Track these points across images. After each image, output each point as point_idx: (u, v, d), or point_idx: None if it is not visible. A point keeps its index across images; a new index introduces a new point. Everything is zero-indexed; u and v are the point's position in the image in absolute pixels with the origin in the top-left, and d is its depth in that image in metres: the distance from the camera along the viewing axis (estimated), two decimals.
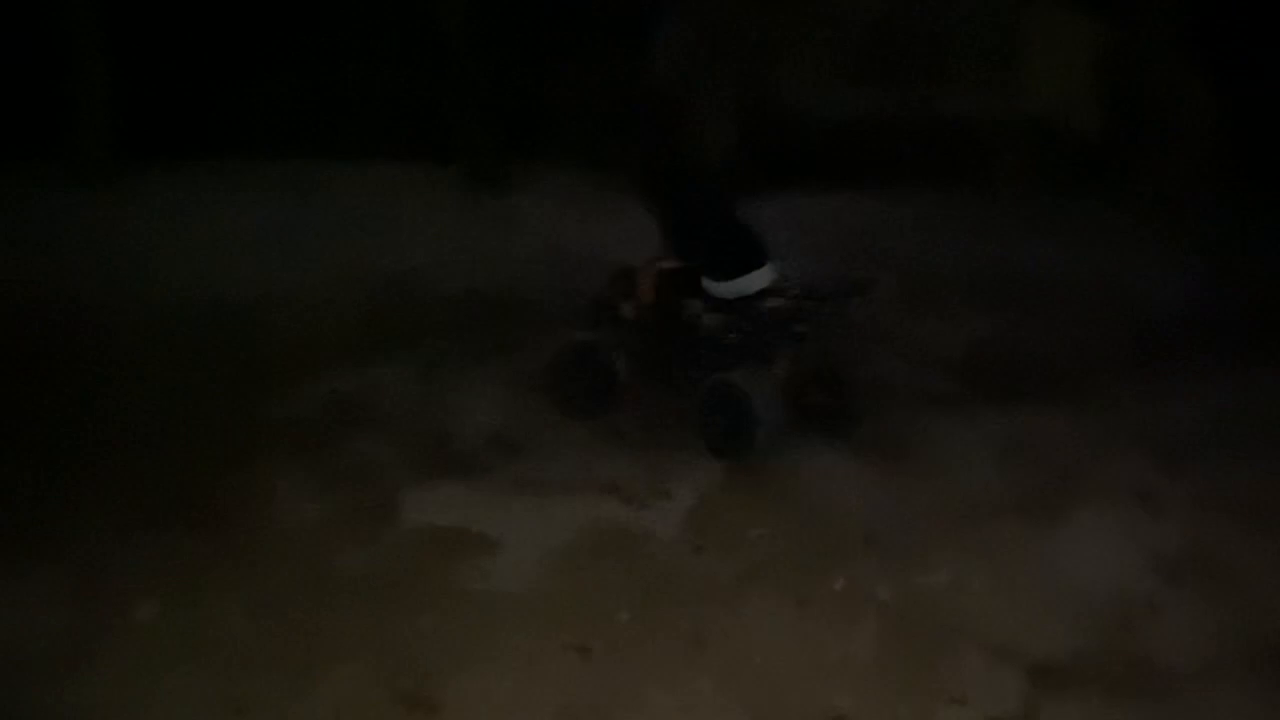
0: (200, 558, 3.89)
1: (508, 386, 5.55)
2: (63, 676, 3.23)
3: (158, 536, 4.00)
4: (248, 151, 9.54)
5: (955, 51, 10.39)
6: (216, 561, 3.88)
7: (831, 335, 5.10)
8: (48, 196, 8.62)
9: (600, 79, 10.27)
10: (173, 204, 8.64)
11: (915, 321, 6.70)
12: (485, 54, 9.79)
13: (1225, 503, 4.46)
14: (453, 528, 4.19)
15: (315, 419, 5.15)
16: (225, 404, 5.30)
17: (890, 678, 3.37)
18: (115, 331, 6.31)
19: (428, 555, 4.00)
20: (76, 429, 4.97)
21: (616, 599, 3.74)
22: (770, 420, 4.67)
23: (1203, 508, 4.42)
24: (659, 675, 3.35)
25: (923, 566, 3.99)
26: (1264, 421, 5.30)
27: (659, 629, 3.60)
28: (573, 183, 9.52)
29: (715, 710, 3.22)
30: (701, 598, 3.79)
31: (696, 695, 3.27)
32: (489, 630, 3.54)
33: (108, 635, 3.43)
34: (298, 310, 6.67)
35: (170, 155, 9.36)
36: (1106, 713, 3.25)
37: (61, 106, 9.32)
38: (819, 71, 10.27)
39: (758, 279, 4.88)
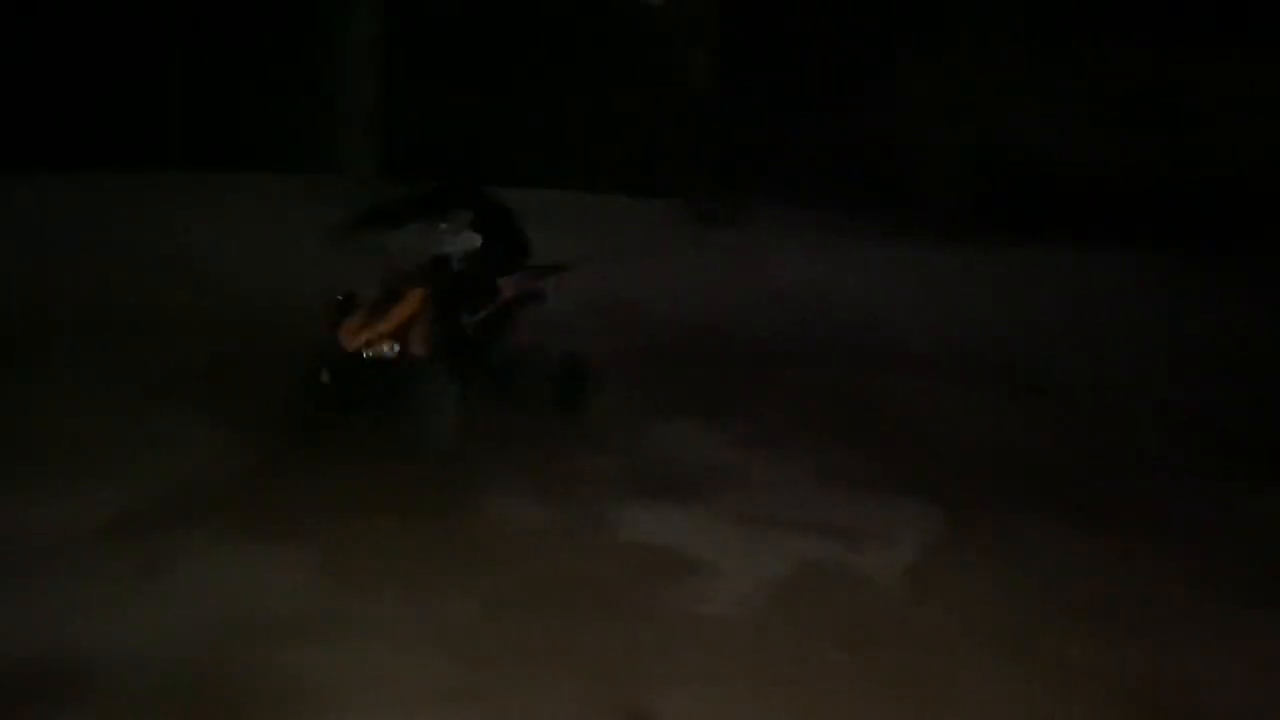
0: (438, 551, 4.12)
1: (722, 419, 5.59)
2: (306, 646, 3.50)
3: (399, 525, 4.28)
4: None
5: (1230, 105, 9.72)
6: (453, 555, 4.10)
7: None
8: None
9: (827, 122, 10.32)
10: None
11: (1155, 390, 6.29)
12: (722, 96, 10.00)
13: None
14: (669, 549, 4.25)
15: (545, 432, 5.36)
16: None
17: None
18: None
19: (647, 572, 4.08)
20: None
21: (832, 639, 3.70)
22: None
23: None
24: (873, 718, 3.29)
25: (1161, 647, 3.72)
26: None
27: (875, 672, 3.53)
28: (797, 221, 9.56)
29: None
30: (921, 648, 3.68)
31: None
32: (706, 652, 3.58)
33: (349, 614, 3.69)
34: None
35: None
36: None
37: (342, 127, 10.13)
38: (1073, 119, 9.85)
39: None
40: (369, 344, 4.70)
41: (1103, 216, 9.05)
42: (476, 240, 5.00)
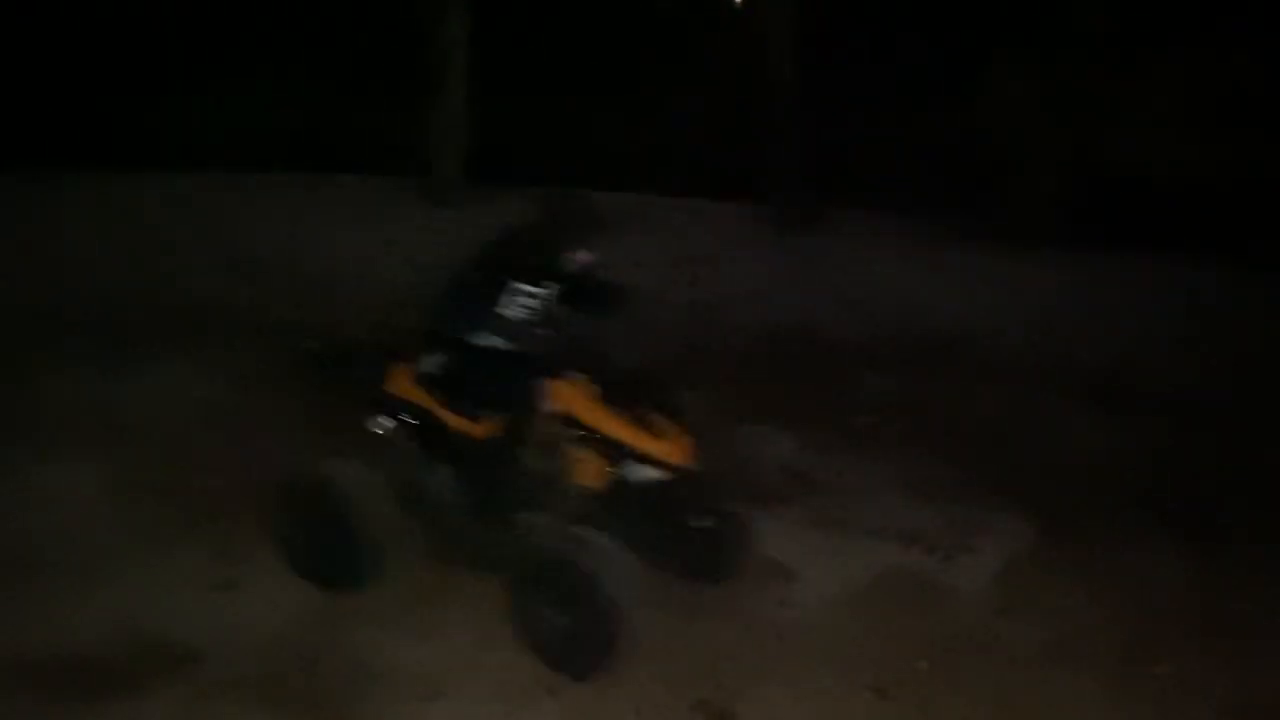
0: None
1: (807, 424, 5.57)
2: (395, 635, 3.59)
3: None
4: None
5: None
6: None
7: None
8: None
9: (917, 127, 10.17)
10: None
11: (1255, 406, 6.09)
12: (808, 99, 9.93)
13: None
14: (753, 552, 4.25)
15: None
16: None
17: None
18: None
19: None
20: None
21: (915, 647, 3.67)
22: None
23: None
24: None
25: (1262, 668, 3.61)
26: None
27: (958, 684, 3.49)
28: (881, 227, 9.46)
29: None
30: (1005, 661, 3.64)
31: None
32: (786, 654, 3.58)
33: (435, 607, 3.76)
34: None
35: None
36: None
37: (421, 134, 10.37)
38: (1167, 130, 9.55)
39: None
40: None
41: (1203, 229, 8.75)
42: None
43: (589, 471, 3.59)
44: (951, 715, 3.35)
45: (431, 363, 3.83)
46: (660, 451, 3.59)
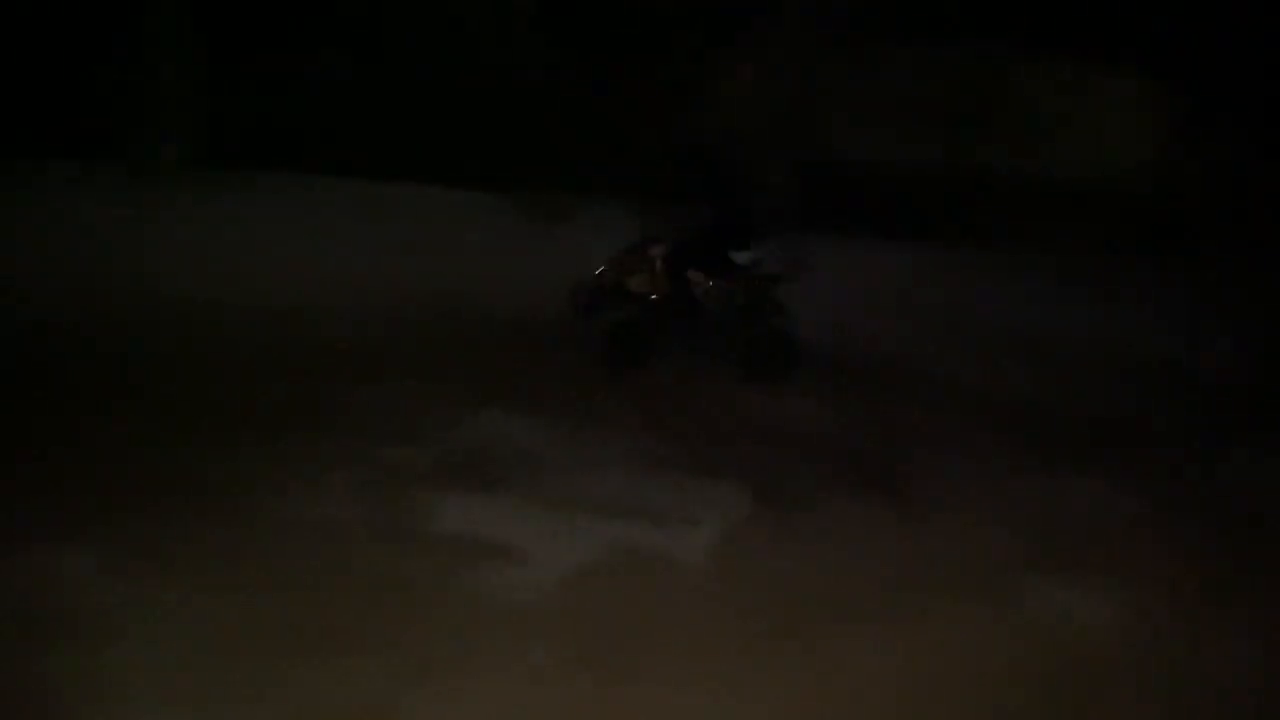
0: (234, 546, 4.03)
1: (541, 405, 5.65)
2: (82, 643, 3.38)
3: (195, 524, 4.15)
4: (324, 170, 9.74)
5: (1013, 111, 10.41)
6: (249, 550, 4.01)
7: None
8: (125, 199, 8.94)
9: (655, 121, 10.47)
10: (249, 214, 8.91)
11: (955, 375, 6.73)
12: (548, 92, 10.03)
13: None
14: (478, 537, 4.27)
15: (358, 424, 5.29)
16: (277, 403, 5.46)
17: None
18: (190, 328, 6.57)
19: (455, 562, 4.08)
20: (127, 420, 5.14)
21: (635, 619, 3.81)
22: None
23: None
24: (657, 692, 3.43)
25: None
26: None
27: (674, 653, 3.65)
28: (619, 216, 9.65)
29: None
30: (720, 630, 3.83)
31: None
32: (507, 636, 3.62)
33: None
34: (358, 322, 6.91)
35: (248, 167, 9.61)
36: None
37: (140, 111, 9.61)
38: (876, 127, 10.37)
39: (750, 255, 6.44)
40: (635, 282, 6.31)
41: (905, 215, 9.60)
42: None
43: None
44: (660, 680, 3.49)
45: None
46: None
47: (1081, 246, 9.42)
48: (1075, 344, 7.60)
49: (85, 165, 9.17)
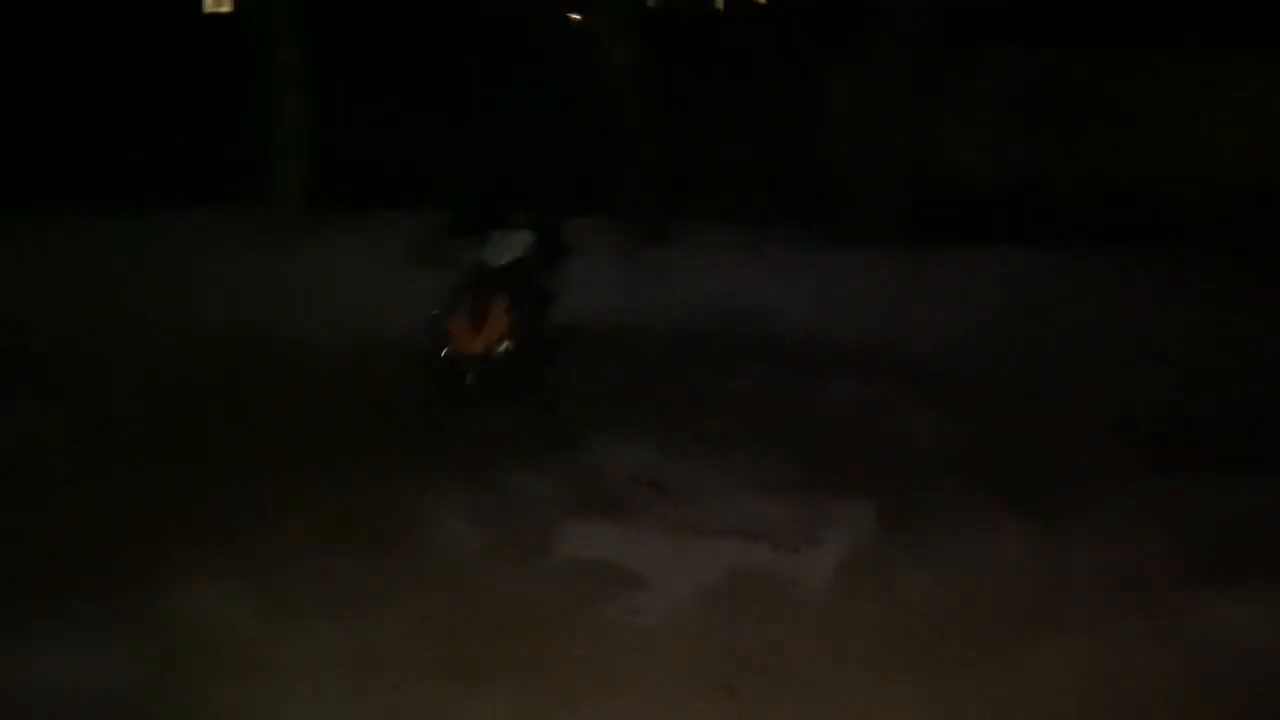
0: (372, 577, 4.09)
1: (659, 428, 5.63)
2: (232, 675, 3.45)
3: (327, 555, 4.24)
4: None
5: (1134, 108, 10.02)
6: (385, 580, 4.07)
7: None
8: (247, 243, 9.35)
9: (758, 139, 10.45)
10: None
11: (1091, 384, 6.44)
12: (651, 119, 10.13)
13: None
14: (603, 562, 4.25)
15: (472, 451, 5.35)
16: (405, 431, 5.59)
17: None
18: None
19: (581, 588, 4.07)
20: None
21: (764, 644, 3.72)
22: None
23: None
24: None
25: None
26: None
27: (805, 678, 3.55)
28: (729, 238, 9.63)
29: None
30: (848, 651, 3.71)
31: None
32: (637, 664, 3.58)
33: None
34: None
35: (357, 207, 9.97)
36: None
37: (259, 158, 10.11)
38: (992, 127, 10.11)
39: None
40: (490, 346, 5.69)
41: (1025, 222, 9.31)
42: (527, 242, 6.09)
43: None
44: (799, 709, 3.40)
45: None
46: None
47: (1216, 247, 8.97)
48: (1211, 347, 7.19)
49: (213, 213, 9.65)
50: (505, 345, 5.73)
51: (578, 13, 11.46)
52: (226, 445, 5.39)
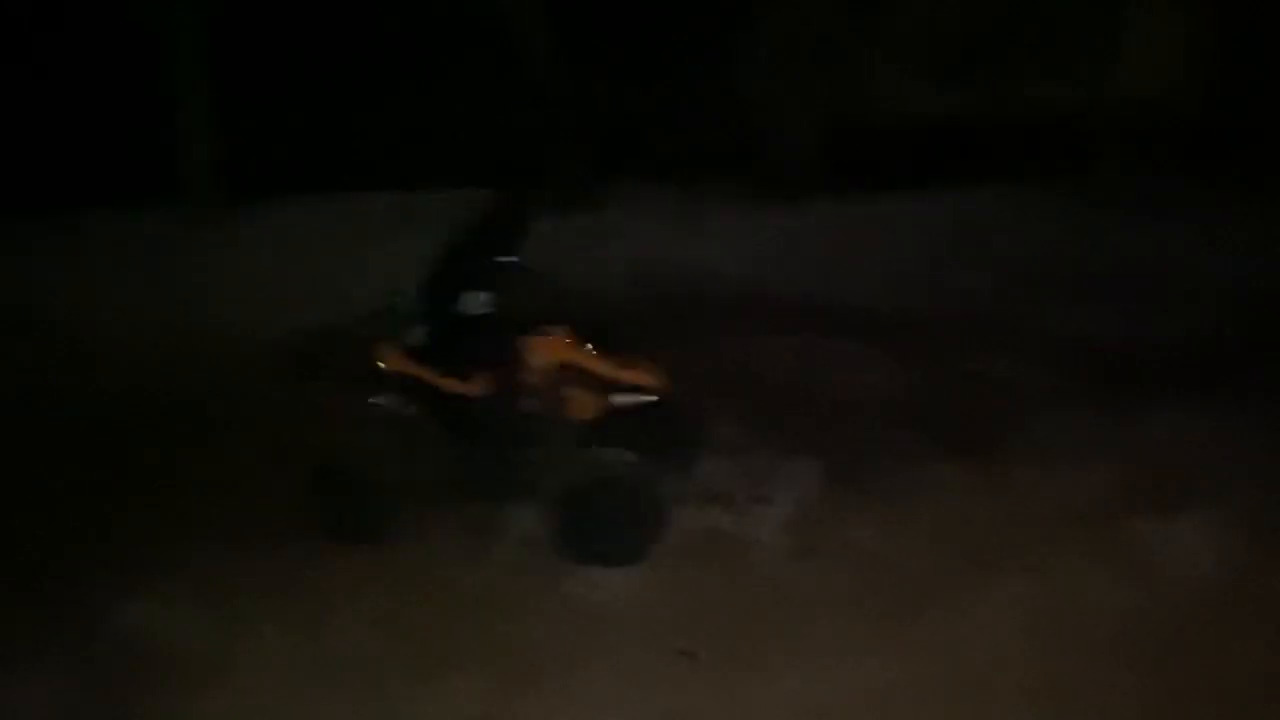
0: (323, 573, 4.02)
1: None
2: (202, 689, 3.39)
3: (275, 553, 4.14)
4: (346, 185, 9.78)
5: (1047, 42, 10.12)
6: (340, 577, 4.00)
7: None
8: (160, 237, 9.01)
9: (686, 96, 10.34)
10: (276, 239, 8.92)
11: (1025, 320, 6.55)
12: (569, 77, 9.94)
13: None
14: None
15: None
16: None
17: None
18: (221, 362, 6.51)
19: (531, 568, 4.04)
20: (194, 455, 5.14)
21: (721, 605, 3.73)
22: None
23: None
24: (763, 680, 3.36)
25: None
26: None
27: (764, 635, 3.57)
28: (658, 197, 9.55)
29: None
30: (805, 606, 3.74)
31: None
32: (600, 636, 3.58)
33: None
34: None
35: (272, 193, 9.66)
36: None
37: (168, 151, 9.73)
38: (906, 72, 10.14)
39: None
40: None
41: (945, 162, 9.37)
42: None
43: (583, 405, 4.25)
44: (759, 670, 3.41)
45: (417, 336, 4.23)
46: (641, 379, 4.29)
47: (1131, 172, 9.15)
48: (1137, 275, 7.36)
49: (125, 211, 9.28)
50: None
51: None
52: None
